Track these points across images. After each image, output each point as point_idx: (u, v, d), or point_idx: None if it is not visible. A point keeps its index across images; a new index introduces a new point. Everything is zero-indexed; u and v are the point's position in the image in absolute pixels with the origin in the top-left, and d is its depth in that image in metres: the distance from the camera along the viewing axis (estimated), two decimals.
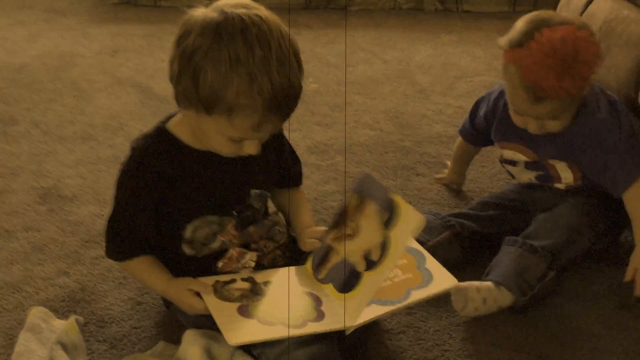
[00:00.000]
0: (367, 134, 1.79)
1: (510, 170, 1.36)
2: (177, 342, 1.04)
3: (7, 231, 1.37)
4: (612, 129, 1.18)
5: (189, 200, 1.05)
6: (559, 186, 1.30)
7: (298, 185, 1.22)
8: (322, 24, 2.60)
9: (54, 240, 1.35)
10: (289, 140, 1.18)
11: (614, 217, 1.27)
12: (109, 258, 1.12)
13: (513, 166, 1.33)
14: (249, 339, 0.97)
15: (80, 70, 2.14)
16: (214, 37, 0.91)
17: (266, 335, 0.97)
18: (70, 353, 1.02)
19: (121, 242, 1.08)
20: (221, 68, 0.90)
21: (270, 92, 0.91)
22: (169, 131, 1.04)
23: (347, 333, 1.00)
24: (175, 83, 0.97)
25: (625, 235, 1.27)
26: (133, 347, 1.10)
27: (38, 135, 1.74)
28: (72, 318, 1.08)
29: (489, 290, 1.15)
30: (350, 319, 1.00)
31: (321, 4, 2.75)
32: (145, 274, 1.09)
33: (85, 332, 1.11)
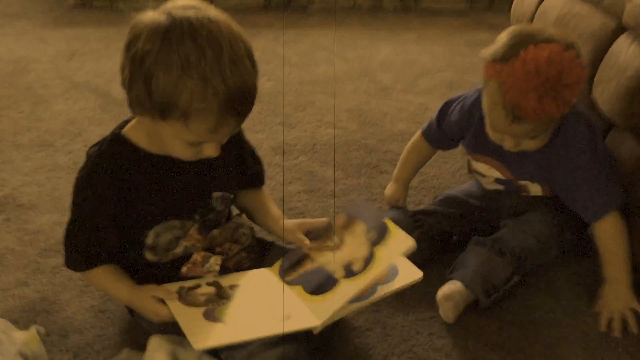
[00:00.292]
0: (331, 133, 1.79)
1: (478, 179, 1.34)
2: (142, 348, 1.03)
3: None
4: (589, 156, 1.16)
5: (149, 206, 1.03)
6: (537, 193, 1.28)
7: (261, 185, 1.21)
8: (283, 23, 2.59)
9: (12, 250, 1.32)
10: (250, 141, 1.17)
11: (579, 225, 1.27)
12: (68, 268, 1.09)
13: (482, 177, 1.31)
14: (215, 343, 0.96)
15: (35, 75, 2.09)
16: (163, 41, 0.89)
17: (232, 339, 0.96)
18: None
19: (80, 251, 1.05)
20: (172, 73, 0.89)
21: (225, 93, 0.90)
22: (125, 137, 1.03)
23: (315, 332, 1.00)
24: (127, 89, 0.94)
25: (590, 228, 1.28)
26: (97, 356, 1.08)
27: None
28: (33, 329, 1.05)
29: (462, 291, 1.16)
30: (318, 319, 1.00)
31: (281, 4, 2.74)
32: (107, 283, 1.06)
33: (47, 343, 1.09)
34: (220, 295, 1.04)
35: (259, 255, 1.14)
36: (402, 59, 2.30)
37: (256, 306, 1.02)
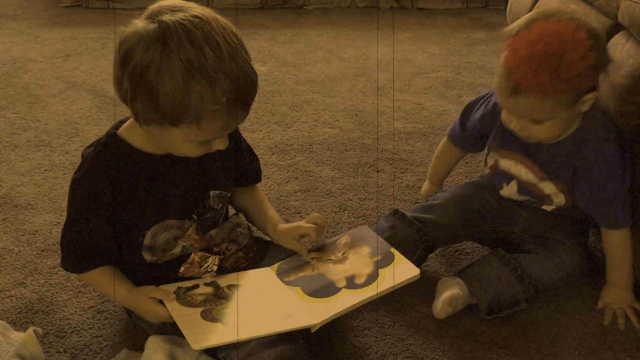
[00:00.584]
0: (327, 133, 1.80)
1: (498, 185, 1.27)
2: (140, 349, 1.03)
3: None
4: (618, 167, 1.14)
5: (146, 206, 1.03)
6: (546, 208, 1.24)
7: (257, 182, 1.21)
8: (279, 23, 2.59)
9: (9, 250, 1.32)
10: (246, 139, 1.17)
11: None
12: (65, 270, 1.09)
13: (506, 184, 1.25)
14: (213, 343, 0.96)
15: (32, 75, 2.09)
16: (162, 50, 0.89)
17: (230, 338, 0.96)
18: None
19: (77, 253, 1.05)
20: (178, 79, 0.88)
21: (232, 88, 0.90)
22: (121, 137, 1.02)
23: (313, 331, 1.00)
24: (130, 104, 0.94)
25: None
26: (95, 357, 1.08)
27: None
28: (31, 329, 1.05)
29: (466, 298, 1.17)
30: (315, 317, 1.00)
31: (277, 4, 2.74)
32: (104, 284, 1.06)
33: (44, 344, 1.09)
34: (218, 295, 1.04)
35: (256, 254, 1.15)
36: (398, 58, 2.31)
37: (254, 306, 1.02)
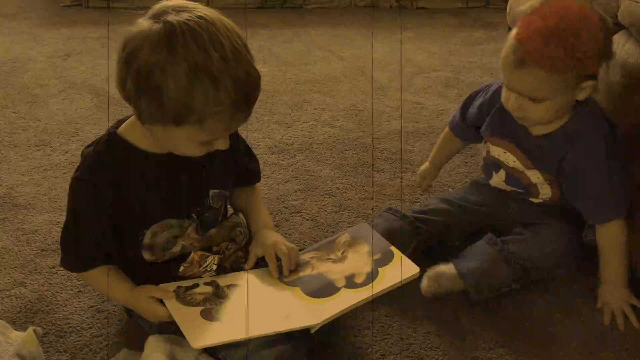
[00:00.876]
0: (327, 132, 1.80)
1: (489, 174, 1.31)
2: (140, 349, 1.03)
3: None
4: (607, 159, 1.15)
5: (146, 205, 1.03)
6: (534, 200, 1.27)
7: (256, 182, 1.21)
8: (279, 22, 2.59)
9: (9, 250, 1.32)
10: (246, 139, 1.17)
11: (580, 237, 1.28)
12: (65, 269, 1.09)
13: (495, 172, 1.29)
14: (213, 342, 0.96)
15: (32, 75, 2.09)
16: (168, 50, 0.89)
17: (230, 337, 0.96)
18: None
19: (77, 252, 1.05)
20: (183, 80, 0.88)
21: (235, 90, 0.90)
22: (121, 136, 1.02)
23: (313, 331, 1.00)
24: (133, 103, 0.94)
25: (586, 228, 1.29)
26: (94, 356, 1.08)
27: None
28: (30, 329, 1.05)
29: (453, 278, 1.19)
30: (315, 318, 1.00)
31: (277, 3, 2.74)
32: (104, 284, 1.06)
33: (44, 343, 1.09)
34: (218, 294, 1.04)
35: None
36: (398, 57, 2.30)
37: (254, 305, 1.02)
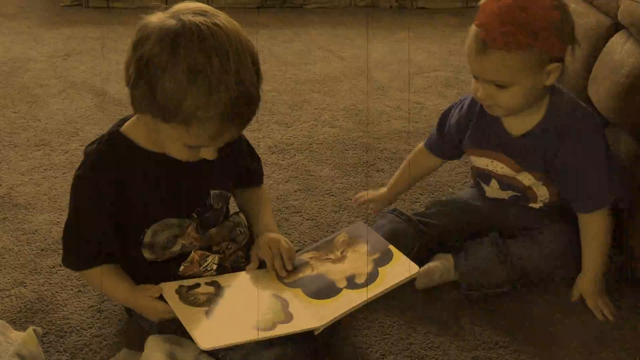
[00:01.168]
0: (327, 132, 1.80)
1: (481, 187, 1.31)
2: (140, 349, 1.03)
3: None
4: (590, 147, 1.15)
5: (147, 204, 1.03)
6: (534, 205, 1.27)
7: (258, 184, 1.21)
8: (279, 22, 2.59)
9: (9, 249, 1.32)
10: (248, 139, 1.17)
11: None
12: (66, 267, 1.09)
13: (487, 185, 1.29)
14: (221, 343, 0.95)
15: (32, 75, 2.09)
16: (172, 47, 0.89)
17: (238, 339, 0.96)
18: None
19: (79, 250, 1.05)
20: (179, 79, 0.88)
21: (228, 103, 0.90)
22: (124, 134, 1.02)
23: (317, 333, 1.00)
24: (131, 88, 0.94)
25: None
26: (94, 356, 1.08)
27: None
28: (30, 329, 1.05)
29: (445, 271, 1.21)
30: (319, 319, 1.00)
31: (277, 3, 2.74)
32: (105, 283, 1.06)
33: (44, 343, 1.09)
34: (221, 294, 1.04)
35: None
36: (398, 57, 2.31)
37: (258, 307, 1.02)
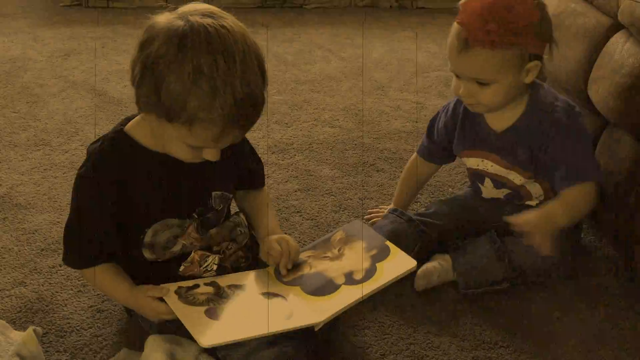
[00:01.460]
0: (327, 132, 1.80)
1: (480, 188, 1.32)
2: (140, 348, 1.03)
3: None
4: (570, 132, 1.17)
5: (149, 204, 1.03)
6: (530, 203, 1.28)
7: (260, 187, 1.21)
8: (279, 22, 2.59)
9: (9, 249, 1.32)
10: (249, 140, 1.17)
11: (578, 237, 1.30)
12: (67, 265, 1.09)
13: (482, 184, 1.31)
14: (222, 340, 0.95)
15: (32, 74, 2.09)
16: (179, 47, 0.89)
17: (238, 336, 0.96)
18: None
19: (80, 249, 1.05)
20: (184, 80, 0.88)
21: (232, 105, 0.90)
22: (128, 134, 1.02)
23: (317, 329, 1.00)
24: (136, 87, 0.95)
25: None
26: (94, 356, 1.08)
27: None
28: (30, 329, 1.05)
29: (443, 271, 1.22)
30: (318, 315, 1.00)
31: (277, 3, 2.74)
32: (105, 282, 1.06)
33: (44, 343, 1.09)
34: (220, 294, 1.04)
35: (256, 254, 1.14)
36: (397, 57, 2.31)
37: (257, 305, 1.02)
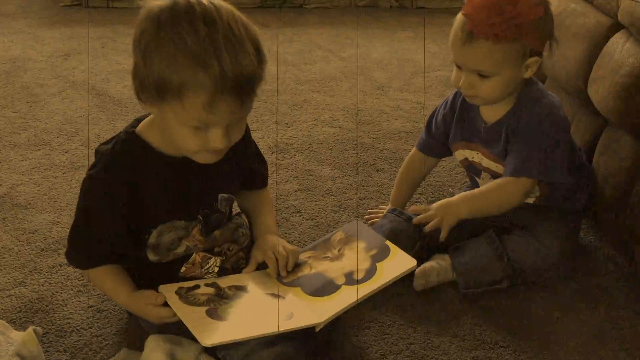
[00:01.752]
0: (327, 132, 1.80)
1: (478, 183, 1.33)
2: (140, 348, 1.03)
3: None
4: (540, 127, 1.18)
5: (157, 206, 1.02)
6: (528, 201, 1.27)
7: (262, 187, 1.20)
8: (279, 22, 2.59)
9: (9, 249, 1.32)
10: (254, 142, 1.17)
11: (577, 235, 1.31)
12: (72, 265, 1.09)
13: (478, 178, 1.32)
14: (224, 339, 0.95)
15: (32, 74, 2.09)
16: (158, 21, 0.90)
17: (239, 335, 0.96)
18: None
19: (86, 249, 1.05)
20: (165, 49, 0.88)
21: (217, 68, 0.88)
22: (139, 135, 1.02)
23: (317, 329, 1.00)
24: (132, 77, 0.94)
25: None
26: (95, 356, 1.08)
27: None
28: (30, 329, 1.05)
29: (442, 271, 1.22)
30: (319, 316, 1.00)
31: (277, 3, 2.74)
32: (107, 284, 1.06)
33: (44, 343, 1.09)
34: (220, 295, 1.04)
35: None
36: (397, 57, 2.31)
37: (258, 305, 1.02)
